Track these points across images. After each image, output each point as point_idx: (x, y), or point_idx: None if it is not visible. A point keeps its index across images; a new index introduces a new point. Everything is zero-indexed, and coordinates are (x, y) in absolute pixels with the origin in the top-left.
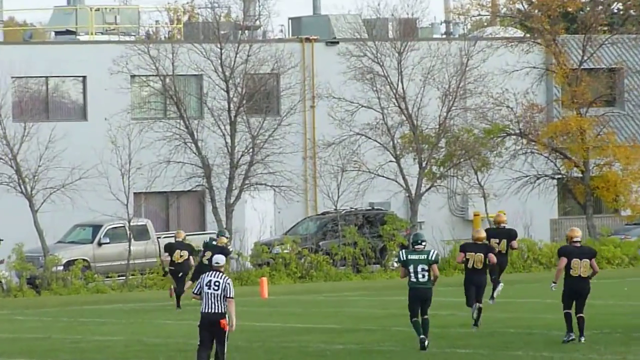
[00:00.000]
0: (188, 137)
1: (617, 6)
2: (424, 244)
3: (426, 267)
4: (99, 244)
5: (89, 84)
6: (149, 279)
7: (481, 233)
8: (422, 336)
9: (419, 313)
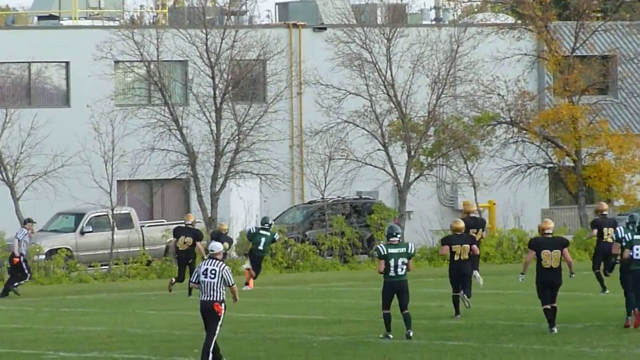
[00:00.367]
0: (173, 124)
1: None
2: (398, 236)
3: (406, 260)
4: (82, 232)
5: (72, 69)
6: (132, 268)
7: (460, 223)
8: (391, 334)
9: (390, 306)
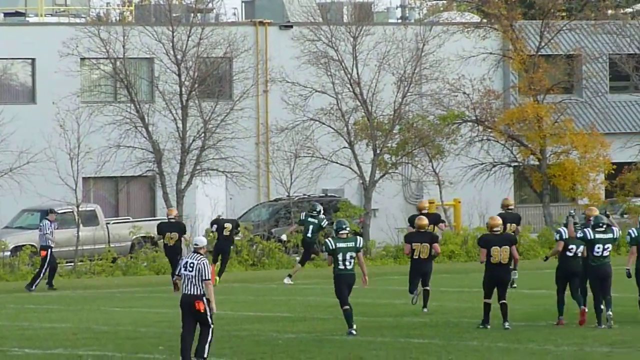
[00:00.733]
0: (139, 121)
1: None
2: (347, 229)
3: (354, 254)
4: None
5: (38, 66)
6: (97, 265)
7: (423, 220)
8: (353, 329)
9: (347, 301)
